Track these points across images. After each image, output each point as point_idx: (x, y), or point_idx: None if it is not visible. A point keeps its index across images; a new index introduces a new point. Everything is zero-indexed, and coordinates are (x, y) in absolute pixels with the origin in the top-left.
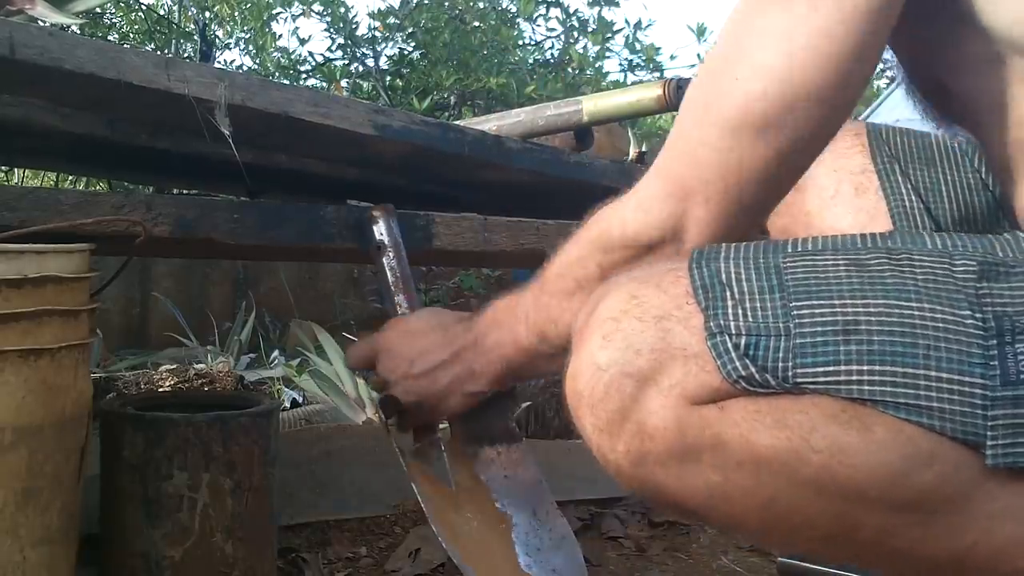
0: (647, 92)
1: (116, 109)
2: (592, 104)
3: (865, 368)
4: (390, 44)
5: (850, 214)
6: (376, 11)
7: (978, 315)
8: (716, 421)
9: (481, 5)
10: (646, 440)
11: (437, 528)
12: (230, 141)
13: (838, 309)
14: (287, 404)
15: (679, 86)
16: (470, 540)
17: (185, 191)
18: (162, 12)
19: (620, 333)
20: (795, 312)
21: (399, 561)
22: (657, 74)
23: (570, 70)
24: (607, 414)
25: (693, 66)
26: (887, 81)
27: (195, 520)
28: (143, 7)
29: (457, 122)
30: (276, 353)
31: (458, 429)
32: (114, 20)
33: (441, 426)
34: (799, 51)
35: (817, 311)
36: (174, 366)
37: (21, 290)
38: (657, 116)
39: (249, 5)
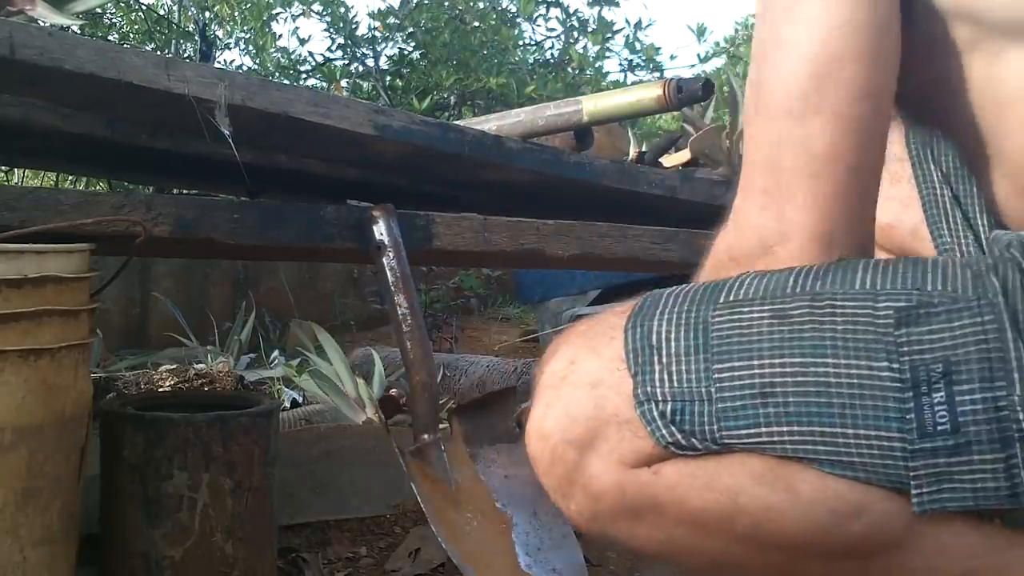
0: (647, 92)
1: (116, 109)
2: (592, 104)
3: (784, 429)
4: (390, 44)
5: (883, 203)
6: (376, 11)
7: (895, 365)
8: (652, 484)
9: (481, 5)
10: (594, 501)
11: (437, 528)
12: (230, 141)
13: (756, 371)
14: (287, 404)
15: (679, 86)
16: (470, 540)
17: (185, 191)
18: (162, 12)
19: (560, 401)
20: (716, 376)
21: (399, 561)
22: (657, 74)
23: (570, 70)
24: (556, 479)
25: (693, 66)
26: None
27: (195, 520)
28: (143, 7)
29: (457, 122)
30: (276, 353)
31: (458, 429)
32: (114, 20)
33: (441, 426)
34: (822, 30)
35: (736, 373)
36: (174, 366)
37: (21, 290)
38: (657, 116)
39: (249, 5)
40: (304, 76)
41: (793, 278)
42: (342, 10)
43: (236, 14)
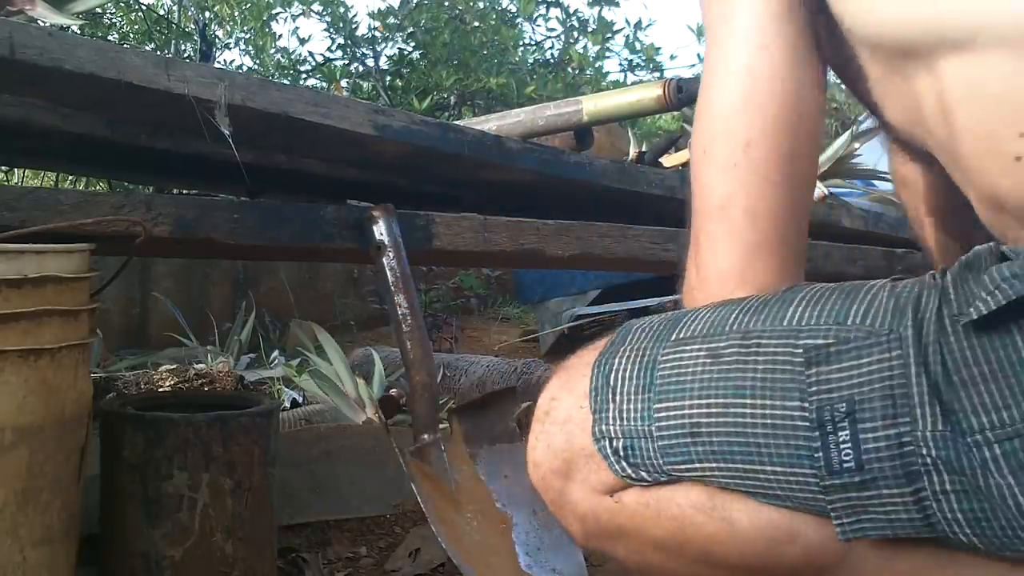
0: (647, 92)
1: (116, 109)
2: (592, 104)
3: (713, 465)
4: (390, 44)
5: None
6: (376, 11)
7: (805, 405)
8: (617, 513)
9: (481, 5)
10: (579, 524)
11: (437, 528)
12: (230, 141)
13: (686, 411)
14: (287, 404)
15: (679, 86)
16: (470, 540)
17: (185, 191)
18: (162, 12)
19: (544, 434)
20: (655, 415)
21: (399, 561)
22: (657, 74)
23: (570, 70)
24: (549, 503)
25: (693, 66)
26: None
27: (195, 520)
28: (143, 7)
29: (457, 122)
30: (276, 353)
31: (458, 429)
32: (114, 20)
33: (441, 426)
34: (721, 77)
35: (671, 413)
36: (174, 366)
37: (21, 290)
38: (657, 116)
39: (249, 5)
40: (304, 76)
41: (735, 314)
42: (342, 10)
43: (236, 14)
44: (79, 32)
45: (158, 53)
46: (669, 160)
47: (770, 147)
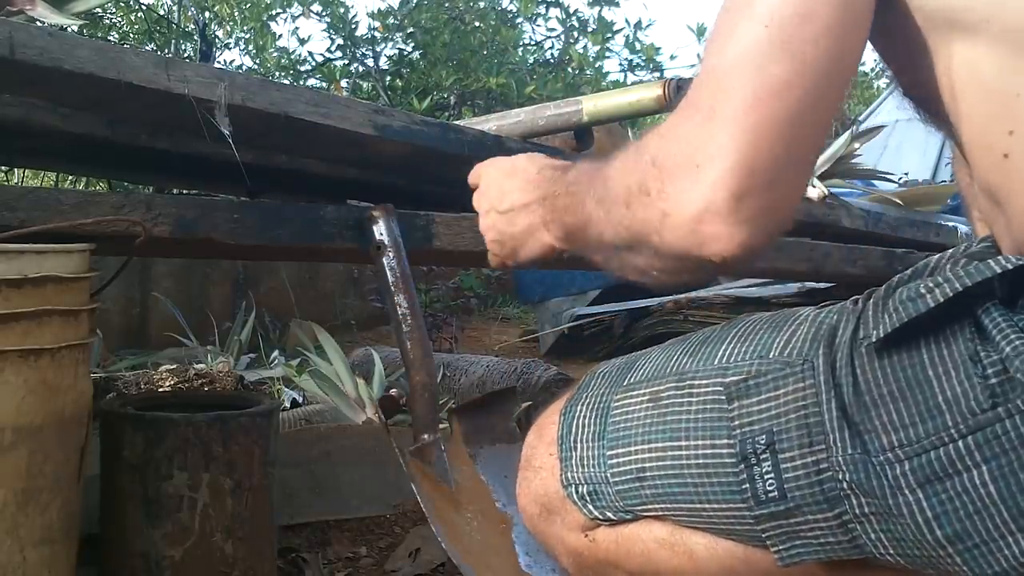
0: (647, 92)
1: (116, 109)
2: (592, 104)
3: (660, 506)
4: (390, 44)
5: None
6: (376, 11)
7: (730, 440)
8: (594, 550)
9: (481, 5)
10: (568, 558)
11: (437, 528)
12: (230, 141)
13: (632, 457)
14: (287, 404)
15: (679, 86)
16: (470, 540)
17: (185, 191)
18: (162, 12)
19: (525, 481)
20: (608, 462)
21: (399, 561)
22: (657, 74)
23: (570, 70)
24: (541, 543)
25: (693, 66)
26: (888, 81)
27: (195, 520)
28: (143, 7)
29: (457, 122)
30: (276, 353)
31: (458, 429)
32: (114, 20)
33: (441, 426)
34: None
35: (621, 460)
36: (174, 366)
37: (21, 290)
38: (657, 116)
39: (249, 5)
40: (304, 76)
41: (676, 355)
42: (342, 10)
43: (236, 14)
44: (79, 32)
45: (158, 53)
46: None
47: (848, 48)
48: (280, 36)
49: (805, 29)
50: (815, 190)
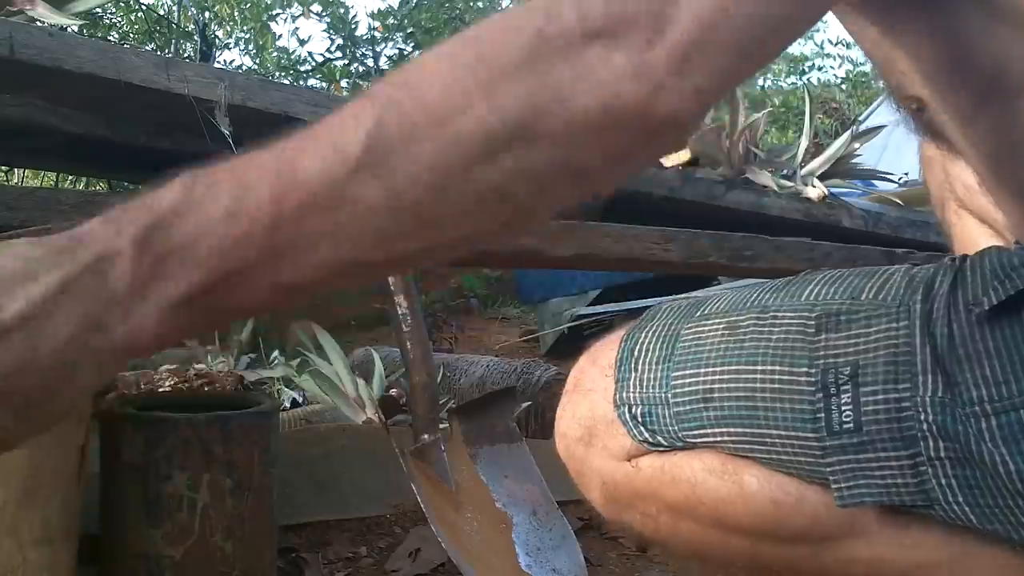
0: None
1: (116, 109)
2: None
3: (723, 431)
4: (390, 44)
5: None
6: (376, 11)
7: (812, 370)
8: (634, 478)
9: (481, 5)
10: (599, 491)
11: (437, 528)
12: (230, 141)
13: (701, 379)
14: (287, 404)
15: None
16: (470, 540)
17: None
18: (162, 12)
19: (570, 404)
20: (672, 383)
21: (399, 561)
22: None
23: None
24: (574, 472)
25: None
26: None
27: (195, 520)
28: (143, 7)
29: None
30: (276, 353)
31: (458, 429)
32: (114, 20)
33: (441, 426)
34: None
35: (687, 381)
36: (174, 366)
37: None
38: None
39: (249, 5)
40: (304, 76)
41: (755, 294)
42: (342, 10)
43: (236, 14)
44: (79, 32)
45: (158, 53)
46: (669, 160)
47: None
48: (280, 36)
49: None
50: (815, 190)
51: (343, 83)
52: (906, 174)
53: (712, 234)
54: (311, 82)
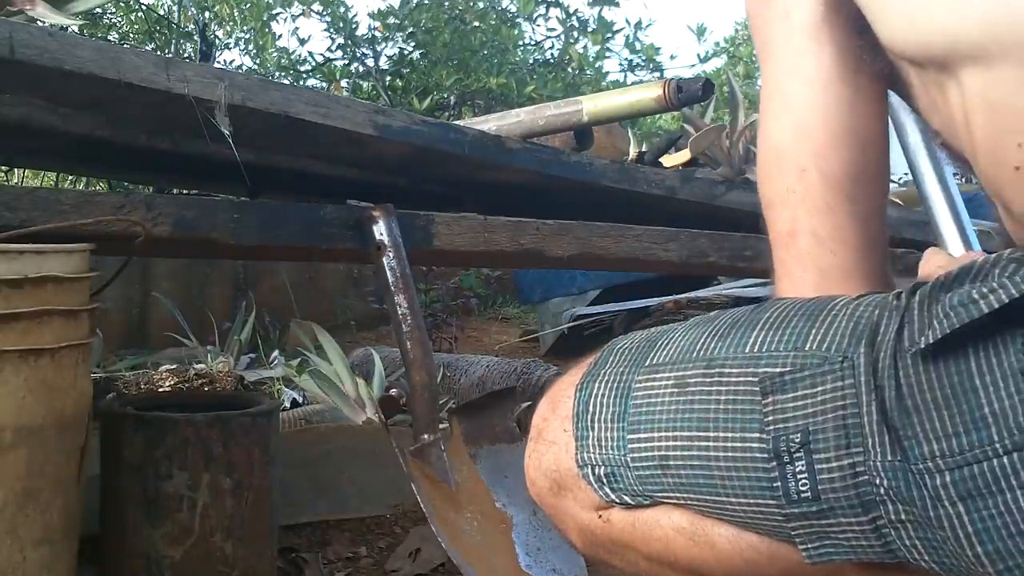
0: (647, 92)
1: (116, 109)
2: (592, 104)
3: (684, 496)
4: (390, 44)
5: None
6: (376, 11)
7: (763, 436)
8: (608, 530)
9: (481, 5)
10: (579, 534)
11: (437, 528)
12: (230, 141)
13: (656, 443)
14: (287, 404)
15: (679, 86)
16: (470, 540)
17: (185, 191)
18: (162, 12)
19: (535, 454)
20: (629, 447)
21: (399, 561)
22: (657, 74)
23: (570, 70)
24: (549, 516)
25: (693, 66)
26: None
27: (195, 520)
28: (143, 7)
29: (457, 122)
30: (276, 353)
31: (458, 429)
32: (114, 20)
33: (441, 426)
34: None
35: (643, 445)
36: (174, 366)
37: (21, 290)
38: (657, 116)
39: (249, 5)
40: (304, 76)
41: (703, 339)
42: (342, 10)
43: (236, 14)
44: (79, 32)
45: (158, 53)
46: (669, 160)
47: (824, 170)
48: (280, 36)
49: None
50: None
51: (343, 83)
52: (906, 174)
53: (712, 234)
54: (311, 82)
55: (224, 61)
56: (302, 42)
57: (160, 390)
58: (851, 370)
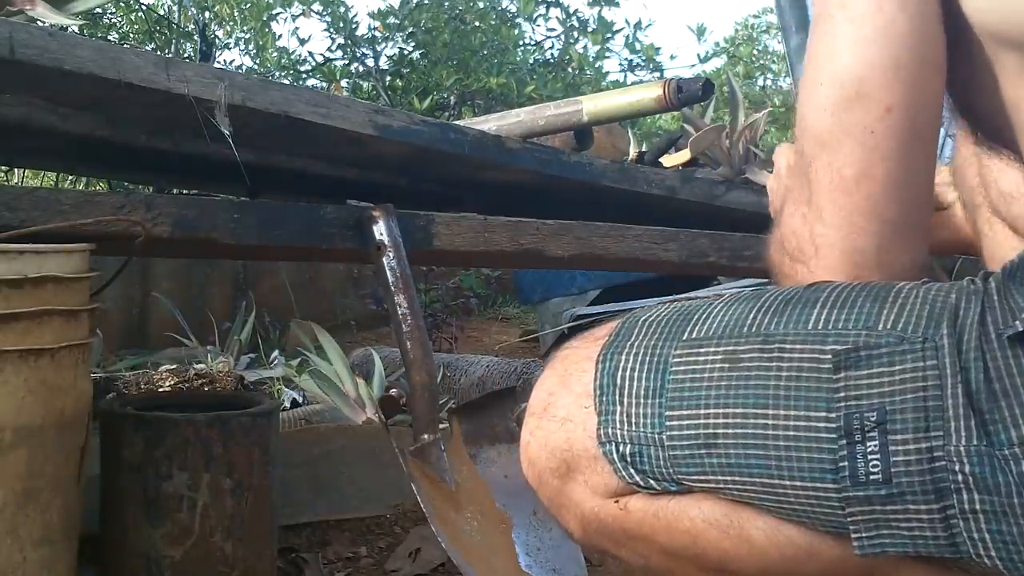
0: (647, 92)
1: (116, 109)
2: (592, 104)
3: (728, 479)
4: (390, 44)
5: (1007, 170)
6: (376, 11)
7: (832, 414)
8: (623, 519)
9: (481, 5)
10: (581, 522)
11: (437, 528)
12: (230, 141)
13: (701, 421)
14: (287, 404)
15: (679, 86)
16: (470, 540)
17: (185, 191)
18: (162, 12)
19: (540, 431)
20: (667, 423)
21: (399, 561)
22: (657, 74)
23: (570, 70)
24: (546, 500)
25: (693, 66)
26: None
27: (195, 520)
28: (143, 7)
29: (457, 122)
30: (276, 353)
31: (458, 429)
32: (114, 20)
33: (441, 426)
34: (850, 45)
35: (685, 423)
36: (174, 366)
37: (21, 290)
38: (657, 116)
39: (249, 5)
40: (304, 76)
41: (753, 313)
42: (342, 10)
43: (236, 14)
44: (79, 32)
45: (158, 53)
46: (669, 160)
47: (912, 116)
48: (280, 36)
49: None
50: None
51: (343, 83)
52: None
53: (712, 234)
54: (311, 82)
55: (224, 61)
56: (302, 42)
57: (160, 390)
58: (933, 351)
